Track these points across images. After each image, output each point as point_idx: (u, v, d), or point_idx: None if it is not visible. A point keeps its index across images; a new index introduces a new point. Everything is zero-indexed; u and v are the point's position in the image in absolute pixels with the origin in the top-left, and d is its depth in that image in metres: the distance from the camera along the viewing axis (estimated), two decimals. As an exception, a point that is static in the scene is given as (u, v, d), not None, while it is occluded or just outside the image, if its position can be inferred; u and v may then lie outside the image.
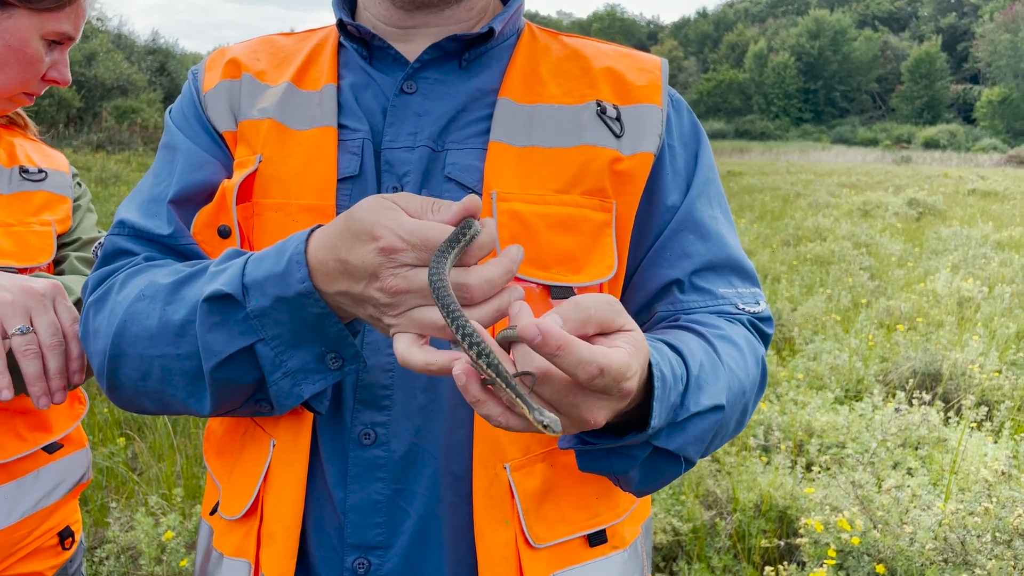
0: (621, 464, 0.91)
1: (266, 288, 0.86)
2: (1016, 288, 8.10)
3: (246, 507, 1.05)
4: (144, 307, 0.96)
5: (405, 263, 0.77)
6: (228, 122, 1.12)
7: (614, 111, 1.09)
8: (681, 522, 3.27)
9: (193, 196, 1.08)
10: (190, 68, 1.22)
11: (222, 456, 1.14)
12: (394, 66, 1.10)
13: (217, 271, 0.92)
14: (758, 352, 1.08)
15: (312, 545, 1.04)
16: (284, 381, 0.90)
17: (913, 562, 2.63)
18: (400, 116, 1.06)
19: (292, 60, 1.16)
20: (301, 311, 0.85)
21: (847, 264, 9.53)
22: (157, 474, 4.05)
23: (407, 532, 1.01)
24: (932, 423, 4.05)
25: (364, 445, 1.01)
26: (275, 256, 0.87)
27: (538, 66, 1.12)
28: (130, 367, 0.97)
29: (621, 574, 1.10)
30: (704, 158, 1.15)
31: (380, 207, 0.79)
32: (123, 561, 3.29)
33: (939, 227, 13.04)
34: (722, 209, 1.16)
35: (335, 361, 0.90)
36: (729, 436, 1.04)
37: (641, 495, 1.01)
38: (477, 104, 1.08)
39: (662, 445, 0.90)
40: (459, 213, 0.79)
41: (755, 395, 1.08)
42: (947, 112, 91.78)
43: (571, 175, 1.04)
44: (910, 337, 6.03)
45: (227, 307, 0.89)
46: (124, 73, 30.04)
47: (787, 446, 3.87)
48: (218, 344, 0.90)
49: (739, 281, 1.13)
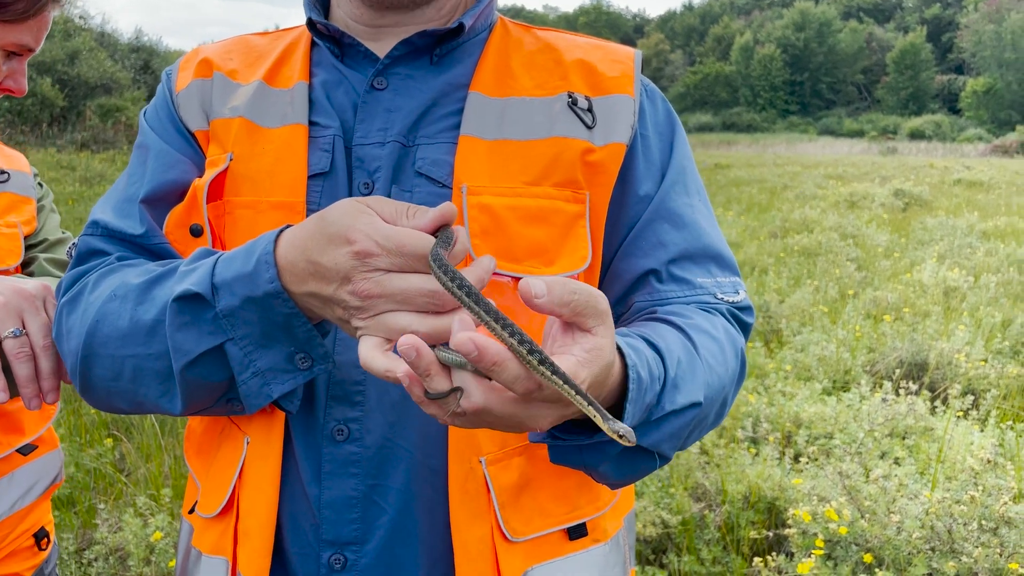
0: (593, 458, 0.91)
1: (235, 288, 0.86)
2: (1002, 277, 8.15)
3: (221, 504, 1.06)
4: (116, 307, 0.96)
5: (379, 268, 0.77)
6: (200, 121, 1.12)
7: (585, 102, 1.09)
8: (670, 514, 3.28)
9: (165, 195, 1.08)
10: (165, 68, 1.22)
11: (201, 455, 1.14)
12: (365, 63, 1.10)
13: (187, 270, 0.92)
14: (737, 344, 1.08)
15: (288, 542, 1.04)
16: (253, 381, 0.90)
17: (900, 551, 2.65)
18: (370, 112, 1.06)
19: (265, 59, 1.16)
20: (270, 311, 0.85)
21: (834, 255, 9.57)
22: (145, 475, 4.03)
23: (383, 527, 1.01)
24: (919, 412, 4.07)
25: (338, 441, 1.01)
26: (244, 256, 0.87)
27: (510, 60, 1.12)
28: (102, 367, 0.98)
29: (602, 568, 1.10)
30: (679, 147, 1.15)
31: (355, 211, 0.79)
32: (112, 562, 3.28)
33: (925, 217, 13.11)
34: (700, 198, 1.16)
35: (304, 361, 0.90)
36: (708, 429, 1.04)
37: (617, 487, 1.02)
38: (448, 99, 1.08)
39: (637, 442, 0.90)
40: (435, 220, 0.79)
41: (734, 387, 1.08)
42: (932, 103, 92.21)
43: (542, 167, 1.04)
44: (897, 327, 6.07)
45: (197, 307, 0.89)
46: (108, 71, 29.86)
47: (775, 438, 3.88)
48: (187, 344, 0.90)
49: (718, 270, 1.12)
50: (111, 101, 28.30)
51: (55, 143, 23.84)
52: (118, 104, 27.96)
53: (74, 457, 4.09)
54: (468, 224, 1.00)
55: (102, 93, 29.30)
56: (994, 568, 2.51)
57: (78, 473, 4.03)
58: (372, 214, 0.79)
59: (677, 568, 3.10)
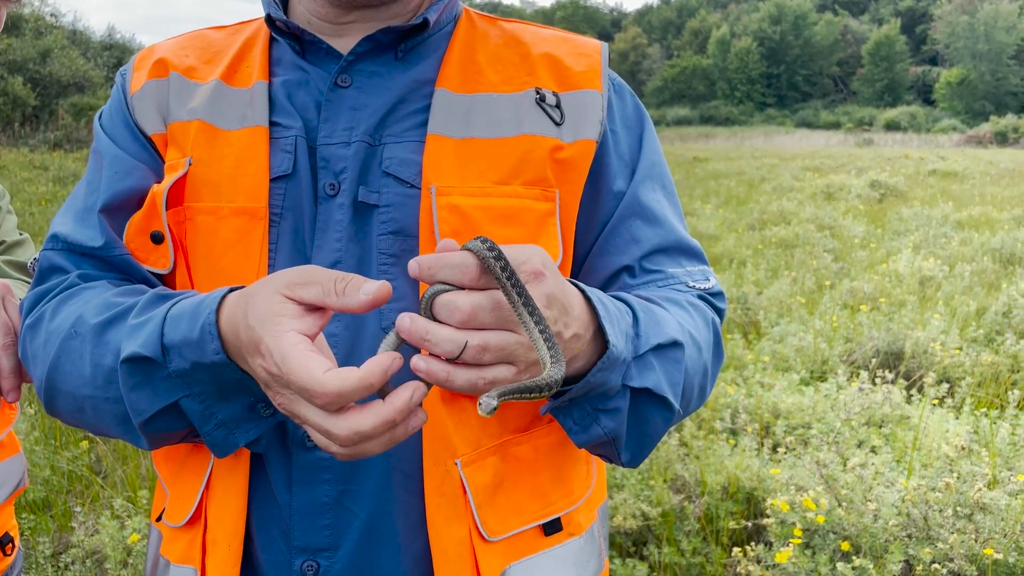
0: (610, 421, 0.93)
1: (184, 352, 0.85)
2: (976, 267, 8.24)
3: (188, 514, 1.04)
4: (76, 346, 0.95)
5: (286, 391, 0.77)
6: (156, 124, 1.09)
7: (554, 98, 1.07)
8: (650, 507, 3.29)
9: (123, 204, 1.05)
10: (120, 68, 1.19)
11: (169, 461, 1.12)
12: (327, 60, 1.07)
13: (137, 324, 0.90)
14: (707, 315, 1.09)
15: (259, 549, 1.03)
16: (217, 432, 0.90)
17: (877, 538, 2.67)
18: (335, 111, 1.03)
19: (222, 56, 1.12)
20: (221, 376, 0.85)
21: (811, 247, 9.64)
22: (122, 477, 3.99)
23: (355, 532, 1.00)
24: (895, 401, 4.11)
25: (308, 447, 0.99)
26: (190, 320, 0.85)
27: (476, 54, 1.10)
28: (65, 401, 0.97)
29: (577, 561, 1.10)
30: (648, 141, 1.15)
31: (270, 315, 0.76)
32: (89, 566, 3.24)
33: (901, 208, 13.23)
34: (667, 192, 1.16)
35: (267, 409, 0.89)
36: (694, 399, 1.05)
37: (634, 462, 1.02)
38: (414, 96, 1.06)
39: (637, 384, 0.92)
40: (367, 305, 0.75)
41: (712, 356, 1.09)
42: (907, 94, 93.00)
43: (511, 166, 1.03)
44: (873, 317, 6.12)
45: (148, 368, 0.87)
46: (80, 70, 29.52)
47: (753, 428, 3.90)
48: (142, 403, 0.89)
49: (687, 261, 1.13)
50: (84, 100, 27.98)
51: (27, 143, 23.54)
52: (91, 103, 27.64)
53: (49, 460, 4.05)
54: (438, 225, 0.98)
55: (75, 92, 28.96)
56: (969, 553, 2.54)
57: (53, 476, 3.98)
58: (285, 321, 0.75)
59: (657, 560, 3.11)
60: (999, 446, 3.43)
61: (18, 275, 1.45)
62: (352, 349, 0.98)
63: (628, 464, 1.01)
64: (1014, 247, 8.98)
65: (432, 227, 0.98)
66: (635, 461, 1.01)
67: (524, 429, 1.06)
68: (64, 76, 28.40)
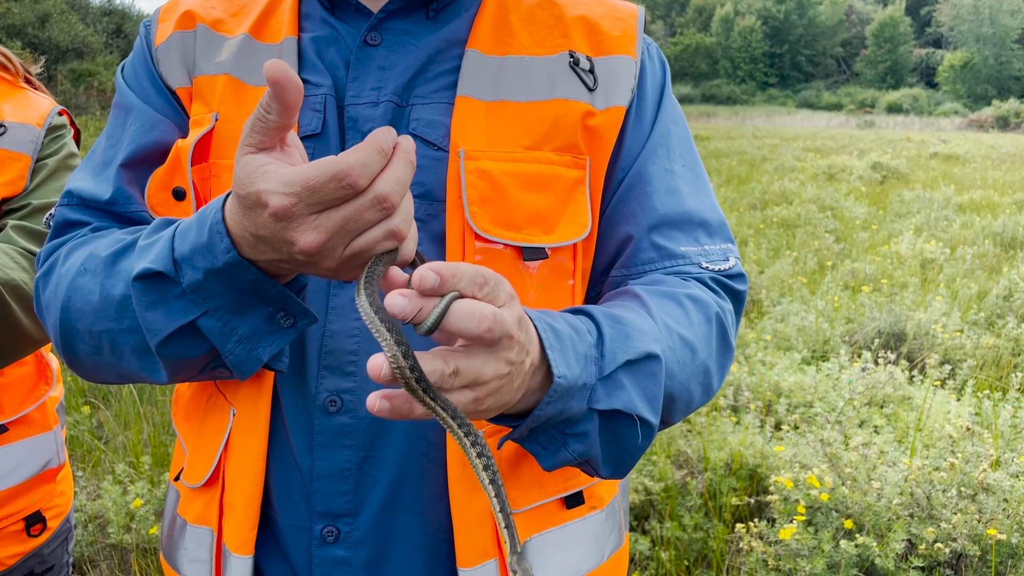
0: (579, 445, 0.87)
1: (195, 261, 0.81)
2: (977, 249, 8.24)
3: (206, 476, 1.03)
4: (86, 281, 0.92)
5: (306, 214, 0.71)
6: (182, 78, 1.06)
7: (587, 63, 1.04)
8: (653, 482, 3.30)
9: (146, 158, 1.03)
10: (143, 20, 1.16)
11: (189, 421, 1.10)
12: (357, 17, 1.04)
13: (146, 245, 0.87)
14: (709, 309, 1.02)
15: (278, 514, 1.02)
16: (239, 348, 0.86)
17: (880, 517, 2.68)
18: (364, 70, 1.01)
19: (250, 9, 1.09)
20: (235, 280, 0.80)
21: (813, 227, 9.62)
22: (124, 442, 3.99)
23: (376, 499, 0.99)
24: (897, 382, 4.11)
25: (330, 412, 0.97)
26: (197, 227, 0.81)
27: (508, 14, 1.06)
28: (82, 341, 0.94)
29: (598, 534, 1.09)
30: (666, 109, 1.11)
31: (250, 173, 0.72)
32: (91, 530, 3.25)
33: (902, 190, 13.21)
34: (684, 162, 1.11)
35: (286, 319, 0.85)
36: (696, 399, 0.99)
37: (618, 475, 0.96)
38: (444, 56, 1.03)
39: (603, 406, 0.85)
40: (278, 79, 0.69)
41: (717, 352, 1.02)
42: (910, 76, 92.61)
43: (543, 131, 1.00)
44: (875, 298, 6.12)
45: (161, 285, 0.84)
46: (79, 35, 29.27)
47: (756, 406, 3.91)
48: (158, 323, 0.85)
49: (706, 237, 1.08)
50: (83, 66, 27.76)
51: (25, 108, 23.32)
52: (90, 69, 27.43)
53: (51, 425, 4.04)
54: (466, 190, 0.95)
55: (74, 57, 28.73)
56: (972, 533, 2.55)
57: (55, 441, 3.98)
58: (265, 166, 0.72)
59: (660, 534, 3.12)
60: (1001, 428, 3.44)
61: (25, 242, 1.41)
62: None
63: (612, 477, 0.95)
64: (1015, 231, 8.97)
65: (460, 192, 0.96)
66: (618, 473, 0.95)
67: None
68: (63, 42, 28.17)
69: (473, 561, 0.98)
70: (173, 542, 1.10)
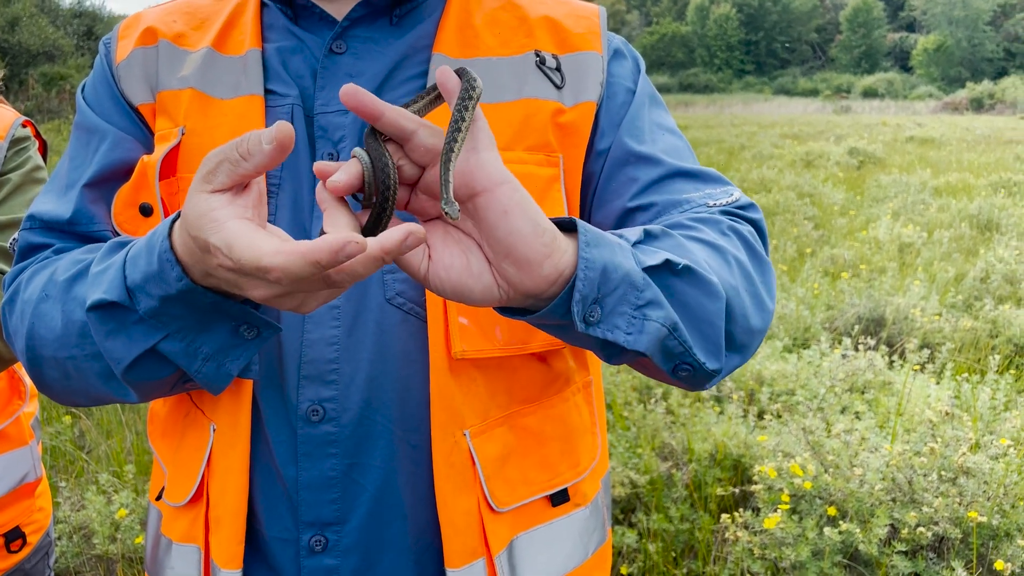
0: (657, 311, 0.82)
1: (149, 289, 0.78)
2: (954, 232, 8.32)
3: (190, 493, 1.02)
4: (48, 308, 0.91)
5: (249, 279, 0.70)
6: (144, 94, 1.05)
7: (554, 61, 1.05)
8: (639, 475, 3.31)
9: (111, 176, 1.02)
10: (102, 38, 1.14)
11: (167, 438, 1.10)
12: (321, 26, 1.04)
13: (98, 272, 0.85)
14: (721, 224, 0.97)
15: (265, 526, 1.01)
16: (207, 366, 0.84)
17: (863, 503, 2.71)
18: (331, 78, 1.01)
19: (212, 22, 1.08)
20: (193, 303, 0.78)
21: (792, 214, 9.68)
22: (107, 452, 3.97)
23: (363, 506, 0.99)
24: (877, 367, 4.15)
25: (313, 422, 0.97)
26: (147, 254, 0.79)
27: (472, 17, 1.07)
28: (49, 368, 0.93)
29: (583, 531, 1.11)
30: (641, 93, 1.10)
31: (203, 215, 0.69)
32: (76, 541, 3.23)
33: (879, 175, 13.30)
34: (666, 136, 1.09)
35: (250, 331, 0.83)
36: (747, 303, 0.92)
37: (717, 360, 0.88)
38: (411, 61, 1.03)
39: (653, 261, 0.82)
40: (274, 153, 0.68)
41: (750, 260, 0.96)
42: (884, 61, 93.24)
43: (513, 131, 1.00)
44: (854, 284, 6.17)
45: (118, 313, 0.82)
46: (50, 38, 28.92)
47: (739, 396, 3.93)
48: (118, 351, 0.83)
49: (703, 184, 1.05)
50: (54, 69, 27.45)
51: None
52: (62, 72, 27.12)
53: (32, 436, 4.01)
54: None
55: (44, 61, 28.40)
56: (954, 517, 2.58)
57: (37, 452, 3.95)
58: (217, 211, 0.69)
59: (646, 527, 3.14)
60: (980, 411, 3.48)
61: None
62: (355, 322, 0.97)
63: (715, 372, 0.89)
64: (991, 213, 9.06)
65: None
66: (716, 359, 0.88)
67: (533, 400, 1.05)
68: (33, 45, 27.83)
69: (461, 562, 0.99)
70: (158, 562, 1.09)
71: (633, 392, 4.02)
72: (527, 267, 0.75)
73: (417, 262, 0.77)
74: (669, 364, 0.86)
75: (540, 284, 0.77)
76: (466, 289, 0.77)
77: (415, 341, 0.98)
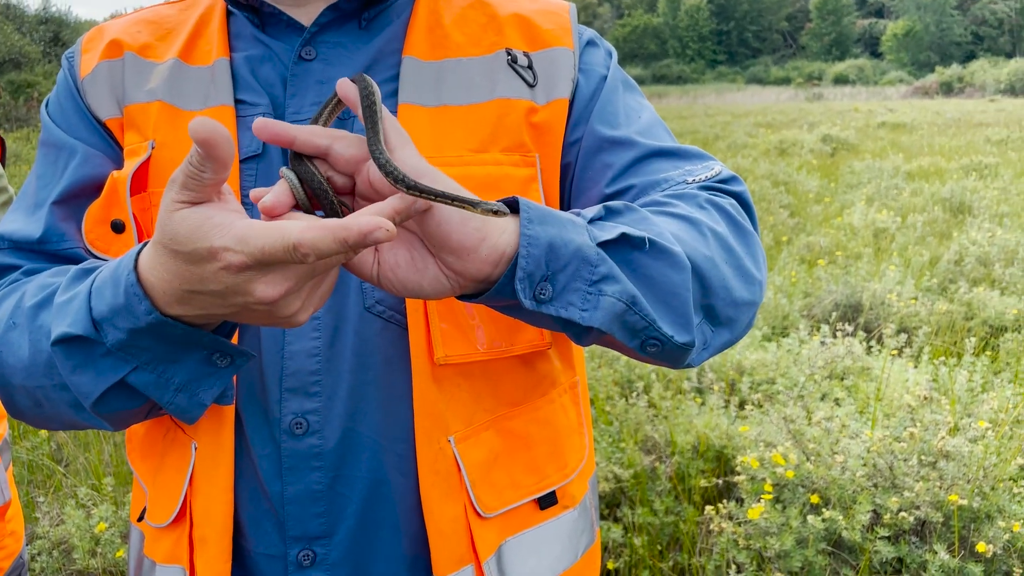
0: (613, 285, 0.81)
1: (116, 322, 0.76)
2: (927, 216, 8.40)
3: (173, 514, 1.00)
4: (15, 336, 0.88)
5: (262, 270, 0.69)
6: (111, 108, 1.03)
7: (525, 59, 1.04)
8: (622, 469, 3.31)
9: (80, 192, 1.00)
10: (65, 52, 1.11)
11: (147, 459, 1.07)
12: (289, 32, 1.02)
13: (63, 302, 0.82)
14: (698, 198, 0.96)
15: (250, 543, 1.00)
16: (179, 397, 0.82)
17: (845, 490, 2.72)
18: (302, 85, 0.99)
19: (178, 33, 1.06)
20: (162, 335, 0.76)
21: (767, 203, 9.73)
22: (84, 464, 3.92)
23: (350, 518, 0.98)
24: (856, 353, 4.18)
25: (297, 435, 0.96)
26: (112, 286, 0.77)
27: (441, 17, 1.05)
28: (20, 396, 0.90)
29: (572, 532, 1.10)
30: (614, 76, 1.09)
31: (197, 228, 0.68)
32: (56, 556, 3.18)
33: (852, 161, 13.40)
34: (643, 119, 1.08)
35: (223, 359, 0.81)
36: (728, 276, 0.91)
37: (684, 332, 0.86)
38: (381, 65, 1.01)
39: (608, 235, 0.81)
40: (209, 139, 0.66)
41: (732, 233, 0.94)
42: (855, 47, 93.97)
43: (487, 132, 0.99)
44: (830, 271, 6.21)
45: (84, 347, 0.79)
46: (16, 45, 28.52)
47: (720, 386, 3.94)
48: (86, 385, 0.81)
49: (683, 161, 1.04)
50: (21, 76, 27.08)
51: (-36, 123, 22.74)
52: (29, 79, 26.76)
53: (8, 451, 3.95)
54: None
55: (11, 68, 28.01)
56: (935, 500, 2.60)
57: (13, 466, 3.89)
58: (214, 218, 0.68)
59: (632, 521, 3.14)
60: (958, 393, 3.51)
61: None
62: (335, 332, 0.96)
63: (687, 345, 0.86)
64: (963, 196, 9.16)
65: None
66: (685, 331, 0.86)
67: (519, 403, 1.04)
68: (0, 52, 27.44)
69: (449, 569, 0.98)
70: None
71: (615, 386, 4.03)
72: (464, 253, 0.76)
73: (369, 265, 0.77)
74: (635, 340, 0.85)
75: (483, 267, 0.77)
76: (415, 284, 0.78)
77: (396, 349, 0.97)
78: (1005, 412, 3.29)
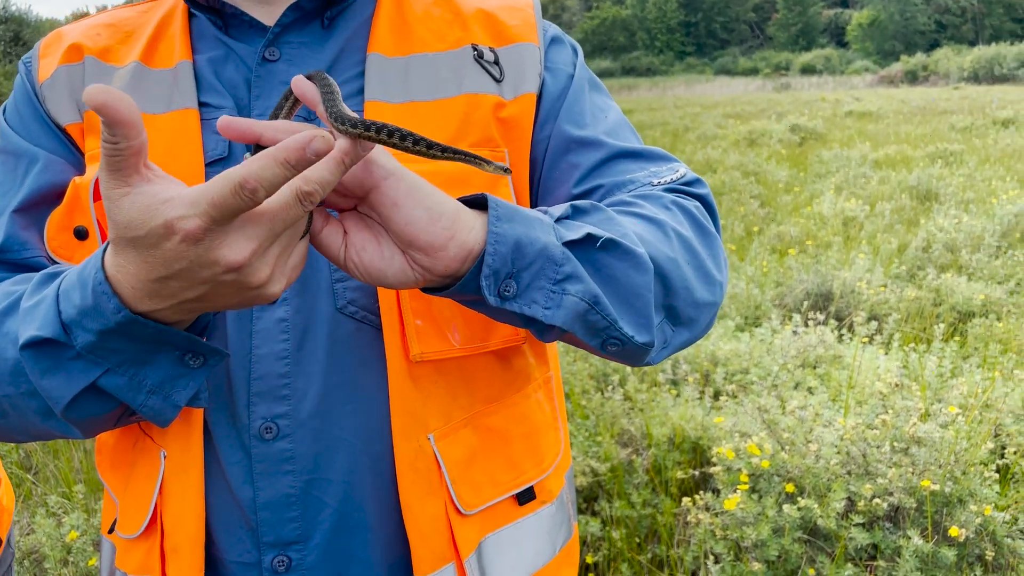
0: (576, 285, 0.82)
1: (85, 324, 0.75)
2: (895, 204, 8.50)
3: (144, 524, 0.98)
4: None
5: (221, 231, 0.67)
6: (71, 114, 1.01)
7: (491, 55, 1.04)
8: (599, 463, 3.32)
9: (41, 200, 0.98)
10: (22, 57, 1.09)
11: (117, 469, 1.05)
12: (252, 33, 1.01)
13: (30, 307, 0.81)
14: (663, 199, 0.98)
15: (223, 551, 0.98)
16: (152, 399, 0.81)
17: (820, 478, 2.74)
18: (266, 86, 0.98)
19: (138, 35, 1.04)
20: (133, 334, 0.75)
21: (738, 194, 9.80)
22: (55, 472, 3.85)
23: (326, 522, 0.96)
24: (828, 342, 4.21)
25: (267, 439, 0.94)
26: (80, 287, 0.75)
27: (405, 14, 1.05)
28: None
29: (550, 527, 1.10)
30: (580, 75, 1.09)
31: (148, 207, 0.67)
32: (27, 566, 3.13)
33: (821, 151, 13.52)
34: (608, 120, 1.08)
35: (195, 359, 0.80)
36: (689, 277, 0.92)
37: (644, 333, 0.87)
38: (345, 64, 1.01)
39: (574, 235, 0.83)
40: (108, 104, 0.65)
41: (694, 234, 0.96)
42: (821, 37, 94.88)
43: (455, 127, 0.99)
44: (801, 260, 6.26)
45: (54, 350, 0.78)
46: (-26, 45, 27.94)
47: (694, 378, 3.96)
48: (57, 389, 0.79)
49: (648, 163, 1.05)
50: (-19, 77, 26.56)
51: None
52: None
53: (-25, 460, 3.88)
54: None
55: (-30, 69, 27.46)
56: (908, 486, 2.63)
57: (-19, 476, 3.82)
58: (157, 195, 0.67)
59: (609, 514, 3.15)
60: (928, 379, 3.56)
61: None
62: (305, 334, 0.94)
63: (646, 345, 0.88)
64: (929, 183, 9.27)
65: None
66: (645, 332, 0.87)
67: (495, 399, 1.04)
68: (-43, 53, 26.89)
69: (430, 568, 0.97)
70: None
71: (590, 380, 4.03)
72: (432, 251, 0.77)
73: (337, 247, 0.78)
74: (596, 339, 0.86)
75: (451, 264, 0.78)
76: (379, 273, 0.78)
77: (371, 349, 0.96)
78: (975, 397, 3.33)
